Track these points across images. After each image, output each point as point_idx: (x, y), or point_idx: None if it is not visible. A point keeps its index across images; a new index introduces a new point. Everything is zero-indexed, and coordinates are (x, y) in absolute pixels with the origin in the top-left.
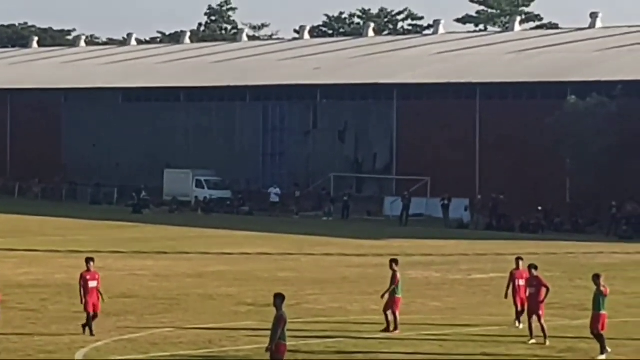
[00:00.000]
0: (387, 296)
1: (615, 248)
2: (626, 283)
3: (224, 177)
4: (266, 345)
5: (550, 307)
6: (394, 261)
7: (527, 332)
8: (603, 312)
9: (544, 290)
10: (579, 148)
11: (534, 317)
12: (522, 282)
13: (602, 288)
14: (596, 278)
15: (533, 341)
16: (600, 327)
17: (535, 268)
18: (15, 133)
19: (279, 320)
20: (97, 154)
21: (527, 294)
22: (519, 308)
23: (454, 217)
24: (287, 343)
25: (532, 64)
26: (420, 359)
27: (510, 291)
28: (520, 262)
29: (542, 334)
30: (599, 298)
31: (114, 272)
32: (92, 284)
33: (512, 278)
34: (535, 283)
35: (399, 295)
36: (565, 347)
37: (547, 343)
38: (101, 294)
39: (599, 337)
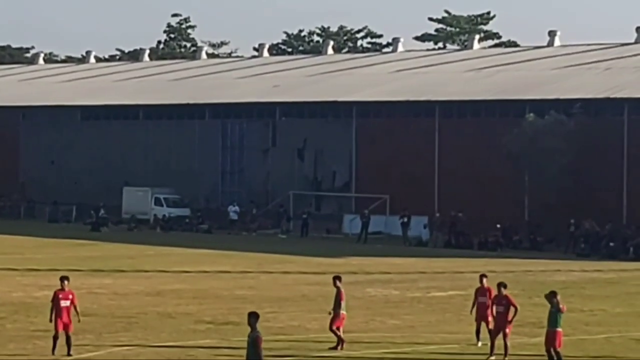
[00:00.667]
0: (335, 313)
1: (573, 266)
2: (583, 301)
3: (183, 195)
4: None
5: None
6: (337, 278)
7: (488, 350)
8: (559, 329)
9: (512, 309)
10: (537, 166)
11: (500, 335)
12: (482, 300)
13: (560, 305)
14: (552, 295)
15: (492, 358)
16: (557, 344)
17: (505, 286)
18: None
19: (257, 341)
20: (55, 171)
21: (495, 312)
22: (478, 326)
23: (413, 234)
24: None
25: (490, 82)
26: None
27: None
28: (484, 280)
29: (502, 352)
30: (555, 315)
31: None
32: (64, 303)
33: (475, 295)
34: (504, 302)
35: (344, 312)
36: None
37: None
38: (77, 313)
39: (557, 354)
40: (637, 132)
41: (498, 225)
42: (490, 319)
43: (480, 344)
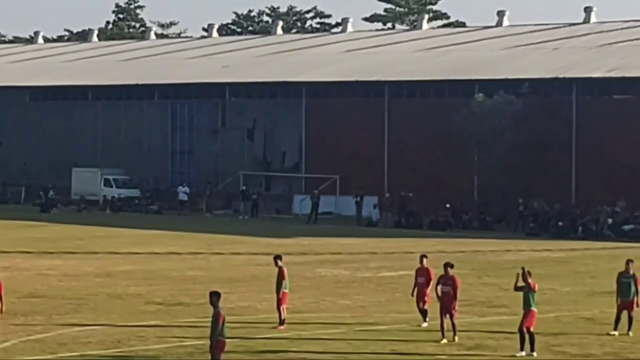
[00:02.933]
0: (281, 292)
1: (522, 245)
2: (533, 280)
3: (133, 176)
4: (176, 344)
5: (459, 304)
6: (278, 257)
7: (438, 330)
8: (533, 308)
9: (458, 289)
10: (486, 145)
11: (447, 316)
12: (420, 280)
13: (531, 284)
14: (525, 274)
15: (444, 341)
16: (529, 323)
17: (451, 267)
18: None
19: (217, 318)
20: (3, 152)
21: (441, 292)
22: (420, 306)
23: (363, 215)
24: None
25: (439, 62)
26: (330, 357)
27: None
28: (424, 260)
29: (452, 330)
30: (528, 295)
31: (21, 272)
32: None
33: (415, 276)
34: (450, 282)
35: (286, 290)
36: (473, 345)
37: (456, 339)
38: (2, 302)
39: (530, 335)
40: (586, 112)
41: (447, 205)
42: (427, 299)
43: (426, 324)
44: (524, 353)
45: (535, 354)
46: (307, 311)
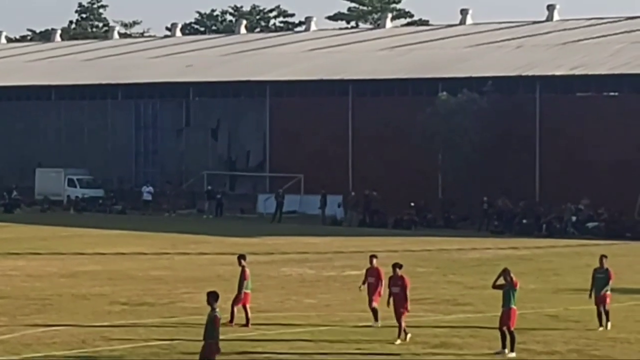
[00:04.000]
0: (242, 292)
1: (487, 243)
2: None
3: (97, 176)
4: (141, 344)
5: (424, 302)
6: (242, 257)
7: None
8: (513, 306)
9: (408, 289)
10: (450, 144)
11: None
12: (370, 280)
13: (514, 281)
14: (506, 273)
15: (398, 342)
16: (511, 323)
17: (400, 267)
18: None
19: (216, 321)
20: None
21: (391, 292)
22: (372, 306)
23: (328, 214)
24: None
25: (403, 61)
26: (295, 357)
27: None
28: (374, 260)
29: (403, 330)
30: (509, 292)
31: None
32: None
33: (365, 275)
34: (399, 282)
35: (248, 290)
36: (438, 342)
37: (408, 339)
38: None
39: (510, 334)
40: (549, 110)
41: (412, 204)
42: (376, 297)
43: (378, 323)
44: (506, 351)
45: (514, 354)
46: (272, 310)
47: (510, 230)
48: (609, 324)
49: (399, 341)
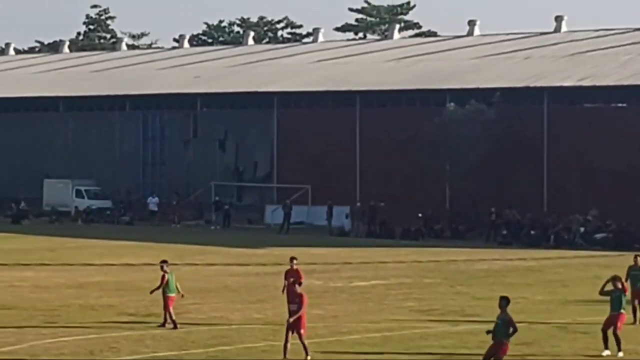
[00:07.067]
0: (157, 294)
1: (495, 254)
2: (505, 289)
3: (104, 187)
4: (149, 355)
5: (432, 313)
6: (163, 262)
7: (410, 338)
8: (623, 311)
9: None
10: (458, 155)
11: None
12: (291, 281)
13: (621, 286)
14: (616, 279)
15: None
16: (619, 326)
17: (299, 284)
18: None
19: (510, 322)
20: None
21: (289, 310)
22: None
23: (335, 224)
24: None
25: (411, 72)
26: None
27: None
28: (294, 261)
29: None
30: (620, 298)
31: None
32: None
33: (286, 277)
34: (297, 300)
35: (172, 294)
36: (446, 354)
37: (309, 358)
38: None
39: (616, 337)
40: (557, 121)
41: (420, 215)
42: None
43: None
44: (608, 352)
45: (622, 353)
46: (279, 322)
47: (518, 241)
48: None
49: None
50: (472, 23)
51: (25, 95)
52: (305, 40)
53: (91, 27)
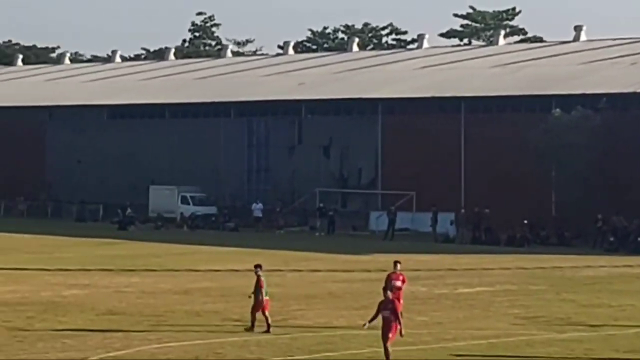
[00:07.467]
0: (254, 297)
1: (601, 261)
2: (612, 296)
3: (209, 193)
4: None
5: (537, 320)
6: (257, 266)
7: (517, 346)
8: None
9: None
10: (563, 161)
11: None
12: (398, 284)
13: None
14: None
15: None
16: None
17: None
18: (0, 151)
19: None
20: (82, 171)
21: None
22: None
23: (440, 231)
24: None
25: (516, 77)
26: None
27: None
28: (398, 265)
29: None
30: None
31: (100, 289)
32: None
33: (388, 280)
34: (390, 306)
35: (267, 297)
36: None
37: None
38: None
39: None
40: None
41: (525, 221)
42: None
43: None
44: None
45: None
46: None
47: (625, 248)
48: None
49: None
50: (578, 28)
51: (131, 103)
52: (410, 46)
53: (196, 34)
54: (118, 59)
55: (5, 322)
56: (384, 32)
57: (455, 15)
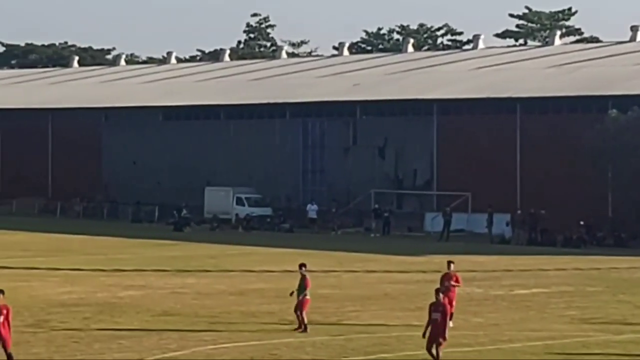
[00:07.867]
0: (298, 297)
1: None
2: None
3: (264, 195)
4: None
5: (594, 322)
6: (302, 265)
7: (574, 347)
8: None
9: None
10: (620, 162)
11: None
12: (453, 283)
13: None
14: None
15: None
16: None
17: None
18: (57, 152)
19: None
20: (137, 172)
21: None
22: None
23: (496, 232)
24: None
25: (572, 78)
26: None
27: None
28: (452, 265)
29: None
30: None
31: (155, 290)
32: None
33: (442, 280)
34: (441, 308)
35: (308, 297)
36: None
37: None
38: (9, 331)
39: None
40: None
41: (582, 222)
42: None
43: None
44: None
45: None
46: None
47: None
48: None
49: None
50: (634, 28)
51: (186, 104)
52: (465, 47)
53: (251, 35)
54: (173, 61)
55: (62, 323)
56: (439, 33)
57: (511, 15)
